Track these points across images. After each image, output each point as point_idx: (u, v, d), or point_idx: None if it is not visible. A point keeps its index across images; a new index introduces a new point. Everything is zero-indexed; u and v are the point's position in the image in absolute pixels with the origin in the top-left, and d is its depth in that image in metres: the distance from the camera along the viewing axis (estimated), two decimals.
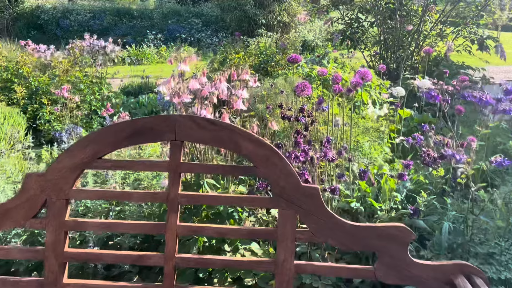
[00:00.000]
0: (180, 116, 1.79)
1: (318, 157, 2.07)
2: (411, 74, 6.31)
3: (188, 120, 1.78)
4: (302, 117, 2.70)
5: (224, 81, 2.04)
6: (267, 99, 3.31)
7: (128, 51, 11.60)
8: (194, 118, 1.78)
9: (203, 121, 1.77)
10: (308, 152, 2.16)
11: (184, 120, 1.78)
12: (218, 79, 2.00)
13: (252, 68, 4.92)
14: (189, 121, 1.78)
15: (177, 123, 1.79)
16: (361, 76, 3.25)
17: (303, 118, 2.70)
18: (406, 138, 3.48)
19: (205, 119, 1.75)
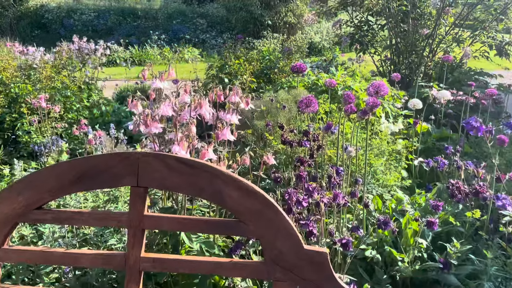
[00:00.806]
0: (144, 154, 1.32)
1: (325, 202, 1.60)
2: (425, 81, 5.79)
3: (155, 159, 1.32)
4: (307, 141, 2.22)
5: (207, 105, 1.57)
6: (267, 115, 2.83)
7: (131, 52, 11.15)
8: (163, 157, 1.31)
9: (175, 162, 1.30)
10: (313, 192, 1.69)
11: (150, 159, 1.32)
12: (198, 104, 1.53)
13: (253, 75, 4.45)
14: (156, 161, 1.32)
15: (140, 163, 1.32)
16: (376, 90, 2.77)
17: (307, 142, 2.22)
18: (426, 161, 2.99)
19: (178, 158, 1.28)
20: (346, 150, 2.25)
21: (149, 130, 1.43)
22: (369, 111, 1.96)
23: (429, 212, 2.22)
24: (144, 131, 1.45)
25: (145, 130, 1.44)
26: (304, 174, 1.89)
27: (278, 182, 1.90)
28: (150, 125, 1.43)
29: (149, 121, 1.42)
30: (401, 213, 2.23)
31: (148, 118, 1.43)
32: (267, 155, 1.76)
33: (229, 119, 1.63)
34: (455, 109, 4.61)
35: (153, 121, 1.44)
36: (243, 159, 1.70)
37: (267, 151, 2.81)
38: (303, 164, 2.05)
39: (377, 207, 2.32)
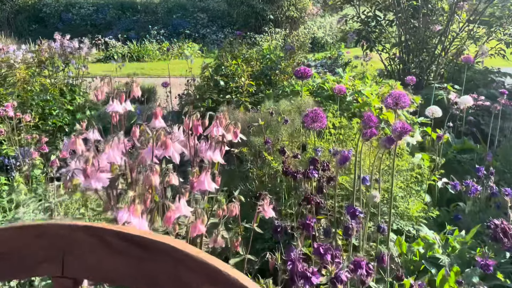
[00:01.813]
0: (71, 228, 0.83)
1: (345, 279, 1.11)
2: (438, 81, 5.27)
3: (88, 236, 0.83)
4: (314, 170, 1.73)
5: (176, 144, 1.09)
6: (266, 129, 2.34)
7: (129, 47, 10.63)
8: (100, 233, 0.82)
9: (117, 239, 0.81)
10: (326, 255, 1.20)
11: (80, 236, 0.83)
12: (163, 143, 1.04)
13: (252, 77, 3.94)
14: (90, 239, 0.82)
15: (65, 242, 0.83)
16: (395, 101, 2.27)
17: (315, 172, 1.73)
18: (453, 183, 2.50)
19: (122, 234, 0.79)
20: (363, 180, 1.76)
21: (89, 183, 0.95)
22: (397, 138, 1.47)
23: (468, 262, 1.73)
24: (83, 183, 0.98)
25: (84, 183, 0.97)
26: (312, 223, 1.40)
27: (279, 232, 1.41)
28: (90, 176, 0.95)
29: (90, 170, 0.94)
30: (432, 261, 1.75)
31: (89, 166, 0.95)
32: (264, 205, 1.27)
33: (210, 157, 1.15)
34: (474, 115, 4.10)
35: (95, 169, 0.96)
36: (230, 209, 1.21)
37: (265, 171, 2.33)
38: (310, 203, 1.57)
39: (400, 250, 1.84)
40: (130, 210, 0.89)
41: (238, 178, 2.42)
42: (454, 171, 3.30)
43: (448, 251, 1.79)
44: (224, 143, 1.23)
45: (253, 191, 2.34)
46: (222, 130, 1.17)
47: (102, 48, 10.86)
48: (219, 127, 1.15)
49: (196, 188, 1.10)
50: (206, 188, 1.10)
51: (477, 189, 2.23)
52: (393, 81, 3.68)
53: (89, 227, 0.81)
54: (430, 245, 1.80)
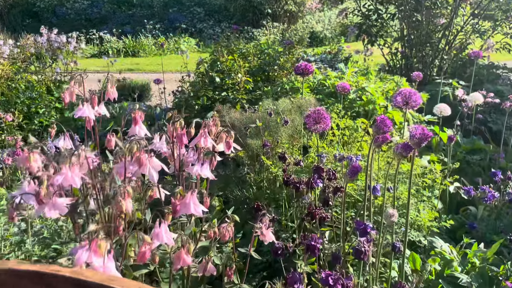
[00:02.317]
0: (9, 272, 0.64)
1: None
2: (444, 77, 5.07)
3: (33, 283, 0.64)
4: (319, 180, 1.53)
5: (154, 160, 0.88)
6: (264, 131, 2.13)
7: (124, 42, 10.38)
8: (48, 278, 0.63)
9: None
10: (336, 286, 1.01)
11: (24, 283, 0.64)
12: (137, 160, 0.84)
13: (250, 73, 3.73)
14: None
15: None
16: (405, 100, 2.08)
17: (320, 181, 1.53)
18: (466, 188, 2.31)
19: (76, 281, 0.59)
20: (373, 190, 1.56)
21: (43, 210, 0.75)
22: (415, 147, 1.27)
23: (490, 280, 1.54)
24: (36, 211, 0.77)
25: (37, 211, 0.76)
26: (318, 244, 1.20)
27: (279, 255, 1.22)
28: (45, 202, 0.75)
29: (42, 196, 0.74)
30: (450, 281, 1.56)
31: (43, 189, 0.75)
32: (262, 228, 1.07)
33: (198, 173, 0.95)
34: (481, 112, 3.91)
35: (50, 194, 0.75)
36: (222, 232, 1.02)
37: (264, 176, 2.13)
38: (314, 218, 1.37)
39: (414, 267, 1.65)
40: (91, 247, 0.69)
41: (234, 183, 2.22)
42: (464, 173, 3.11)
43: (467, 269, 1.60)
44: (215, 155, 1.03)
45: (250, 198, 2.14)
46: (211, 140, 0.97)
47: (97, 43, 10.61)
48: (207, 137, 0.95)
49: (179, 212, 0.90)
50: (192, 212, 0.90)
51: (494, 196, 2.04)
52: (398, 77, 3.48)
53: (36, 272, 0.61)
54: (448, 262, 1.61)
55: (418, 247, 2.04)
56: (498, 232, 2.15)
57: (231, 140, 1.00)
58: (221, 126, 2.37)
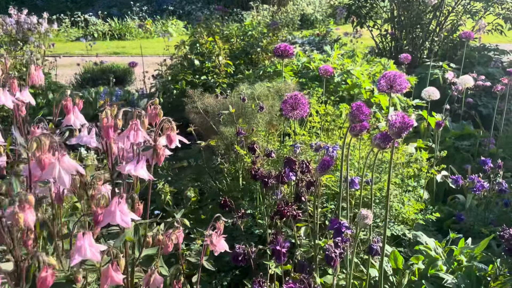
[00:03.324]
0: None
1: None
2: (433, 60, 4.90)
3: None
4: (292, 173, 1.37)
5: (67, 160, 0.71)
6: (238, 118, 1.96)
7: (110, 25, 10.04)
8: None
9: None
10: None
11: None
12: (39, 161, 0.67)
13: (232, 55, 3.53)
14: None
15: None
16: (389, 84, 1.91)
17: (293, 175, 1.37)
18: (454, 177, 2.16)
19: None
20: (351, 183, 1.41)
21: None
22: (395, 137, 1.11)
23: (477, 281, 1.40)
24: None
25: None
26: (283, 248, 1.05)
27: (240, 262, 1.06)
28: None
29: None
30: (434, 282, 1.42)
31: None
32: (212, 237, 0.91)
33: (131, 173, 0.78)
34: (471, 95, 3.75)
35: None
36: (164, 243, 0.85)
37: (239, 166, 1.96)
38: (283, 217, 1.21)
39: (396, 266, 1.51)
40: None
41: (208, 174, 2.06)
42: (452, 160, 2.97)
43: (453, 267, 1.46)
44: (156, 150, 0.86)
45: (224, 190, 1.98)
46: (145, 134, 0.79)
47: (82, 26, 10.27)
48: (138, 130, 0.78)
49: (102, 223, 0.74)
50: (118, 222, 0.73)
51: (483, 186, 1.90)
52: (386, 60, 3.30)
53: None
54: (432, 260, 1.46)
55: (403, 241, 1.90)
56: (487, 223, 2.02)
57: (173, 133, 0.83)
58: (194, 112, 2.18)
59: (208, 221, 1.99)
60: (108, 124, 0.75)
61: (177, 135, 0.86)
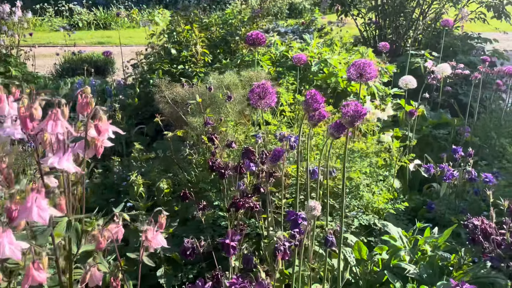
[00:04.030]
0: None
1: None
2: (413, 48, 4.87)
3: None
4: (252, 163, 1.33)
5: None
6: (206, 107, 1.91)
7: (95, 14, 9.85)
8: None
9: None
10: None
11: None
12: None
13: (212, 44, 3.45)
14: None
15: None
16: (359, 72, 1.88)
17: (253, 165, 1.33)
18: (426, 166, 2.14)
19: None
20: (312, 173, 1.37)
21: None
22: (348, 126, 1.07)
23: (440, 271, 1.38)
24: None
25: None
26: (233, 242, 1.01)
27: (188, 256, 1.02)
28: None
29: None
30: (396, 272, 1.40)
31: None
32: (147, 232, 0.86)
33: (57, 165, 0.73)
34: (452, 84, 3.73)
35: None
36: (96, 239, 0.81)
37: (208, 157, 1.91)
38: (239, 209, 1.17)
39: (360, 256, 1.48)
40: None
41: (177, 166, 2.01)
42: (430, 148, 2.95)
43: (417, 257, 1.44)
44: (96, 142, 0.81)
45: (192, 181, 1.94)
46: (66, 123, 0.74)
47: (67, 15, 10.06)
48: (58, 121, 0.73)
49: (17, 219, 0.69)
50: (35, 219, 0.68)
51: (453, 175, 1.88)
52: (364, 48, 3.26)
53: None
54: (395, 250, 1.44)
55: (374, 230, 1.88)
56: (458, 212, 2.00)
57: (101, 124, 0.78)
58: (163, 102, 2.13)
59: (184, 213, 1.96)
60: (24, 114, 0.70)
61: (110, 126, 0.81)
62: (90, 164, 2.88)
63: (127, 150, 2.91)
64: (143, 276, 1.74)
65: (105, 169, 2.73)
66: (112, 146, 2.43)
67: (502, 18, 5.02)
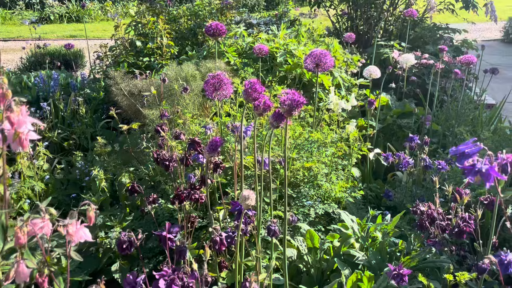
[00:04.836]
0: None
1: None
2: (384, 38, 4.92)
3: None
4: (199, 156, 1.32)
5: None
6: (163, 100, 1.88)
7: (67, 7, 9.60)
8: None
9: None
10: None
11: None
12: None
13: (179, 36, 3.41)
14: None
15: None
16: (316, 62, 1.89)
17: (202, 157, 1.32)
18: (384, 154, 2.17)
19: None
20: (264, 164, 1.37)
21: None
22: (287, 115, 1.07)
23: (390, 258, 1.40)
24: None
25: None
26: (171, 236, 0.99)
27: (124, 250, 1.00)
28: None
29: None
30: (346, 259, 1.41)
31: None
32: (68, 227, 0.84)
33: None
34: (418, 74, 3.78)
35: None
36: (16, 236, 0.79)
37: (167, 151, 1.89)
38: (181, 201, 1.16)
39: (312, 244, 1.49)
40: None
41: (135, 159, 1.98)
42: (396, 137, 2.99)
43: (368, 244, 1.46)
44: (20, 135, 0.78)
45: (150, 174, 1.92)
46: None
47: (38, 8, 9.78)
48: None
49: None
50: None
51: (408, 163, 1.90)
52: (330, 39, 3.26)
53: None
54: (346, 238, 1.45)
55: (334, 220, 1.89)
56: (416, 199, 2.03)
57: (13, 116, 0.76)
58: (121, 95, 2.08)
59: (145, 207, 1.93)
60: None
61: (28, 117, 0.78)
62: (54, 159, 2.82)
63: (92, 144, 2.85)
64: (98, 271, 1.72)
65: (70, 165, 2.67)
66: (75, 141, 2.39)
67: (470, 9, 5.10)
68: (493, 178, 0.74)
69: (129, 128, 1.80)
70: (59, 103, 2.95)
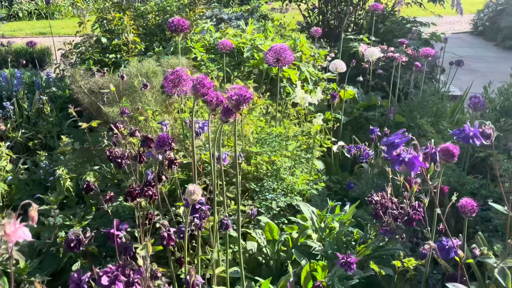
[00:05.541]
0: None
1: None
2: (355, 32, 4.98)
3: None
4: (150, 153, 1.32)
5: None
6: (123, 97, 1.86)
7: (37, 3, 9.34)
8: None
9: None
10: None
11: None
12: None
13: (147, 32, 3.37)
14: None
15: None
16: (276, 57, 1.91)
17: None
18: (347, 147, 2.21)
19: None
20: (222, 159, 1.38)
21: None
22: (235, 110, 1.08)
23: (346, 247, 1.44)
24: None
25: None
26: (119, 232, 1.00)
27: (72, 249, 1.00)
28: None
29: None
30: (304, 250, 1.44)
31: None
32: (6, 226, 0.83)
33: None
34: (386, 67, 3.85)
35: None
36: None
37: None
38: (134, 199, 1.16)
39: (271, 236, 1.51)
40: None
41: (97, 157, 1.96)
42: (363, 130, 3.04)
43: (325, 235, 1.49)
44: None
45: (112, 172, 1.90)
46: None
47: (6, 5, 9.49)
48: None
49: None
50: None
51: (368, 154, 1.95)
52: (297, 34, 3.28)
53: None
54: (303, 229, 1.48)
55: (298, 212, 1.92)
56: (378, 190, 2.08)
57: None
58: (82, 92, 2.05)
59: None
60: None
61: None
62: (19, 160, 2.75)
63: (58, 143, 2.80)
64: (60, 271, 1.71)
65: (35, 165, 2.62)
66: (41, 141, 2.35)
67: (436, 2, 5.22)
68: (417, 167, 0.77)
69: (89, 126, 1.78)
70: (23, 102, 2.88)
